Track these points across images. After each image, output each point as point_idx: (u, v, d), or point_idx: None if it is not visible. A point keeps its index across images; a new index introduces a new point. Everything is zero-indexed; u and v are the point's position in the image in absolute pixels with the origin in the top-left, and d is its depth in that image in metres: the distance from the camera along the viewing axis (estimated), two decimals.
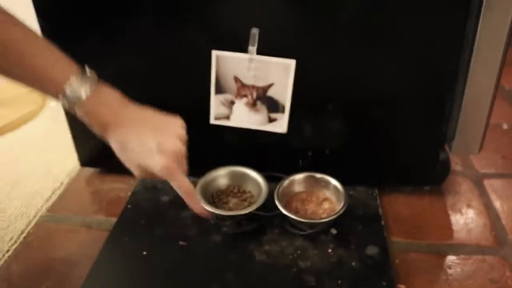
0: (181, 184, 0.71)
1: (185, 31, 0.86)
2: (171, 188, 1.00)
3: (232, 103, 0.92)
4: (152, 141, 0.67)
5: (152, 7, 0.84)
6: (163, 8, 0.74)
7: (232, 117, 0.93)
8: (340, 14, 0.80)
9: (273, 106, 0.90)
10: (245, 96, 0.90)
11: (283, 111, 0.90)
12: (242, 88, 0.89)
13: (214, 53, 0.87)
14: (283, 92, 0.88)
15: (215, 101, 0.92)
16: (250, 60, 0.85)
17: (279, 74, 0.86)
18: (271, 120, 0.92)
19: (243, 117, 0.93)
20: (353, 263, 0.82)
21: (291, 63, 0.84)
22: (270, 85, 0.88)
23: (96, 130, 0.69)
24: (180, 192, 0.73)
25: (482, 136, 0.89)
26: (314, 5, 0.80)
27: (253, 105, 0.90)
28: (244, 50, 0.84)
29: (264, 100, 0.90)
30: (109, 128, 0.68)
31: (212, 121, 0.94)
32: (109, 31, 0.89)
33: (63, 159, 1.20)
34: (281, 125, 0.92)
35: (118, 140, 0.68)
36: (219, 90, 0.91)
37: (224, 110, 0.93)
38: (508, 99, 1.38)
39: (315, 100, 0.90)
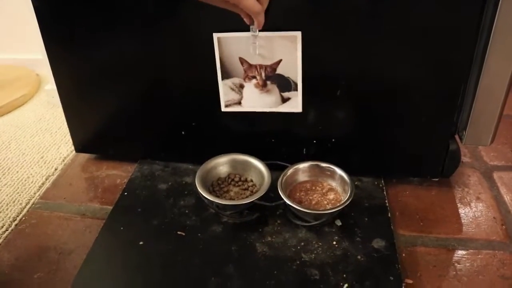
0: (250, 8, 0.70)
1: (182, 15, 0.82)
2: (169, 175, 0.99)
3: (242, 86, 0.87)
4: None
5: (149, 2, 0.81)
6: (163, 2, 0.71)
7: (243, 101, 0.89)
8: None
9: (285, 84, 0.86)
10: (254, 77, 0.86)
11: (295, 88, 0.86)
12: (249, 69, 0.85)
13: (215, 35, 0.83)
14: (293, 68, 0.84)
15: (223, 87, 0.88)
16: (254, 37, 0.80)
17: (286, 48, 0.82)
18: (284, 100, 0.88)
19: (255, 100, 0.88)
20: (359, 256, 0.79)
21: (297, 34, 0.80)
22: (278, 62, 0.84)
23: None
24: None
25: (494, 127, 0.86)
26: None
27: (263, 86, 0.86)
28: (246, 29, 0.80)
29: (274, 79, 0.86)
30: None
31: (223, 108, 0.90)
32: (104, 14, 0.86)
33: (57, 145, 1.17)
34: (296, 104, 0.87)
35: None
36: (226, 75, 0.87)
37: (234, 96, 0.89)
38: None
39: (321, 85, 0.86)
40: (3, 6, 1.49)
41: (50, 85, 1.35)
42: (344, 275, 0.75)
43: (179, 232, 0.84)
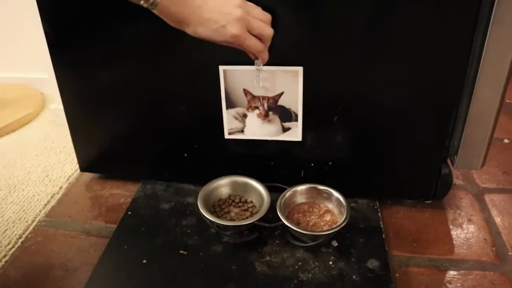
0: (253, 49, 0.75)
1: (189, 49, 0.86)
2: (171, 195, 1.01)
3: (245, 116, 0.92)
4: (217, 23, 0.72)
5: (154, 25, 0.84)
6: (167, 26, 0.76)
7: (245, 130, 0.93)
8: (345, 27, 0.81)
9: (286, 115, 0.90)
10: (257, 107, 0.90)
11: (296, 119, 0.90)
12: (252, 100, 0.90)
13: (221, 68, 0.87)
14: (294, 100, 0.88)
15: (227, 116, 0.92)
16: (258, 71, 0.85)
17: (288, 82, 0.86)
18: (285, 130, 0.92)
19: (257, 129, 0.93)
20: (354, 276, 0.81)
21: (299, 70, 0.84)
22: (280, 94, 0.88)
23: (172, 24, 0.74)
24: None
25: (485, 152, 0.89)
26: (320, 17, 0.80)
27: (265, 116, 0.91)
28: (250, 62, 0.84)
29: (276, 110, 0.90)
30: (183, 24, 0.73)
31: (227, 136, 0.95)
32: (112, 39, 0.90)
33: (62, 163, 1.20)
34: (295, 133, 0.92)
35: (192, 33, 0.74)
36: (230, 104, 0.91)
37: (237, 124, 0.93)
38: (509, 113, 1.38)
39: (319, 112, 0.90)
40: (10, 26, 1.52)
41: (55, 105, 1.38)
42: None
43: (181, 251, 0.87)
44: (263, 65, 0.81)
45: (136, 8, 0.70)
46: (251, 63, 0.84)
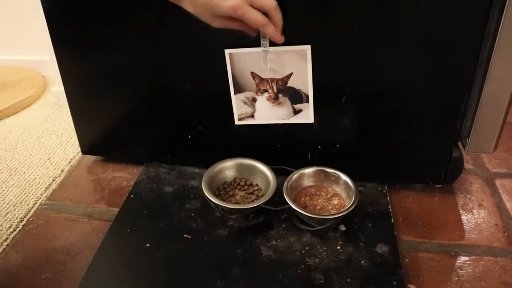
0: (253, 21, 0.71)
1: (193, 31, 0.84)
2: (175, 178, 1.00)
3: (254, 100, 0.89)
4: None
5: (156, 5, 0.82)
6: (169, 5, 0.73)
7: (256, 114, 0.91)
8: (354, 3, 0.78)
9: (296, 96, 0.88)
10: (266, 90, 0.87)
11: (307, 100, 0.88)
12: (261, 83, 0.87)
13: (227, 51, 0.84)
14: (304, 81, 0.85)
15: (236, 101, 0.90)
16: (265, 53, 0.82)
17: (296, 62, 0.83)
18: (296, 112, 0.89)
19: (267, 112, 0.90)
20: (362, 261, 0.80)
21: (307, 48, 0.82)
22: (289, 75, 0.85)
23: None
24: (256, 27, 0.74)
25: (498, 135, 0.86)
26: None
27: (275, 98, 0.88)
28: (256, 44, 0.81)
29: (286, 91, 0.87)
30: None
31: (237, 122, 0.92)
32: (114, 20, 0.87)
33: (63, 146, 1.18)
34: (307, 115, 0.89)
35: (190, 8, 0.72)
36: (238, 89, 0.88)
37: (247, 109, 0.90)
38: None
39: (328, 93, 0.87)
40: (10, 9, 1.51)
41: (56, 87, 1.36)
42: (348, 280, 0.76)
43: (185, 235, 0.85)
44: (269, 46, 0.79)
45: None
46: (257, 44, 0.81)
